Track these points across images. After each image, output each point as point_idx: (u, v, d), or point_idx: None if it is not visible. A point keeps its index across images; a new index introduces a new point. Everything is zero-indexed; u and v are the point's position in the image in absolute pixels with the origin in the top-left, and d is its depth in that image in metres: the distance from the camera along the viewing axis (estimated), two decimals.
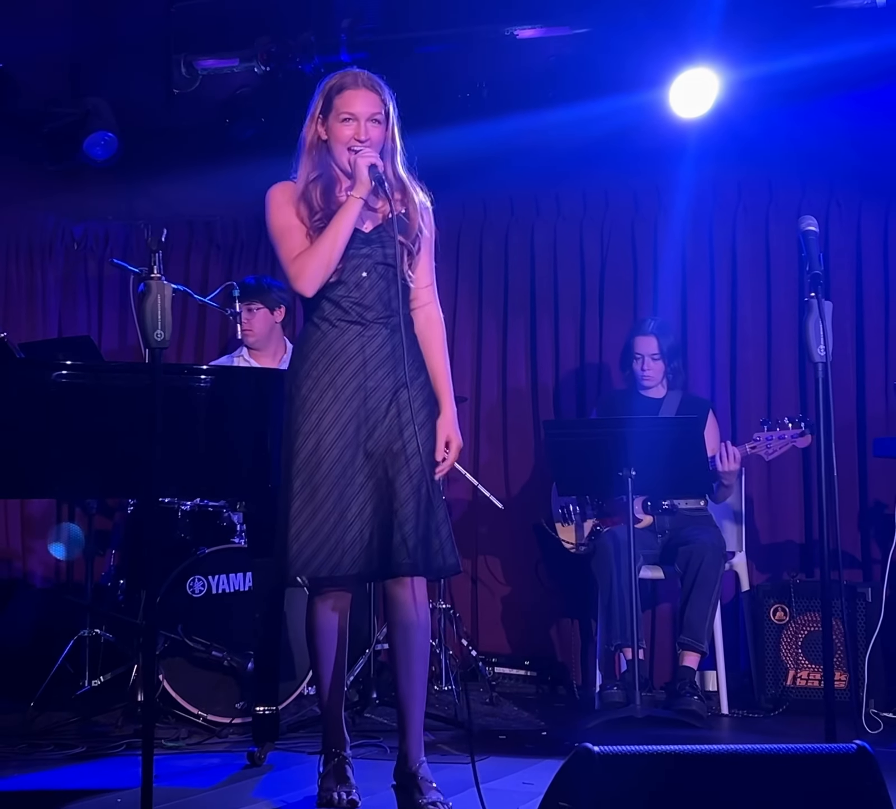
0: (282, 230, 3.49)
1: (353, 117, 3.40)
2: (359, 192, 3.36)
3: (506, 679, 5.70)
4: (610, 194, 5.99)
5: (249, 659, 4.33)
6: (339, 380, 3.34)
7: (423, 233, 3.48)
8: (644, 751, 2.23)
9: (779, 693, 5.02)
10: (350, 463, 3.31)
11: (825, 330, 3.17)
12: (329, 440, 3.30)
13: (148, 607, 3.45)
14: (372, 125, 3.41)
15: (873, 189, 5.60)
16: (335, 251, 3.35)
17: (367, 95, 3.42)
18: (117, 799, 3.41)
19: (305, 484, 3.30)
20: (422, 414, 3.37)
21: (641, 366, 5.31)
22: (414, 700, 3.43)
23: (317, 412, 3.33)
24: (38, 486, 3.76)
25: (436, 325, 3.54)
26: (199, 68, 5.84)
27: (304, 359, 3.41)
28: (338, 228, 3.34)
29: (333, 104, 3.43)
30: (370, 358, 3.36)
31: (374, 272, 3.40)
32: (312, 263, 3.35)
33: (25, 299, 6.36)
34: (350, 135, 3.40)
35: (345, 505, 3.28)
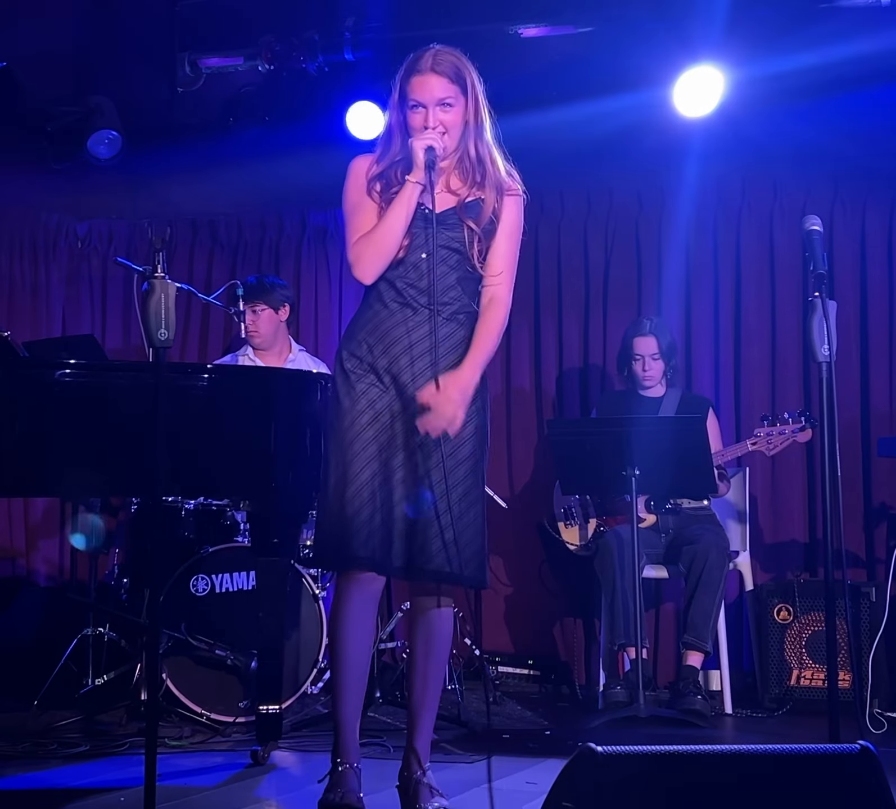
0: (351, 206, 3.33)
1: (421, 104, 3.27)
2: (415, 177, 3.22)
3: (509, 678, 5.70)
4: (614, 193, 5.99)
5: (253, 658, 4.33)
6: (381, 362, 3.22)
7: (501, 219, 3.33)
8: (648, 751, 2.23)
9: (782, 692, 5.02)
10: (387, 446, 3.17)
11: (829, 329, 3.17)
12: (365, 420, 3.17)
13: (151, 606, 3.45)
14: (442, 110, 3.27)
15: (878, 188, 5.60)
16: (392, 239, 3.22)
17: (433, 80, 3.26)
18: (120, 798, 3.41)
19: (341, 464, 3.16)
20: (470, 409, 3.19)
21: (643, 367, 5.30)
22: (428, 707, 3.33)
23: (356, 391, 3.20)
24: (42, 485, 3.77)
25: (498, 305, 3.32)
26: (202, 67, 5.85)
27: (350, 337, 3.28)
28: (395, 215, 3.22)
29: (404, 92, 3.29)
30: (415, 344, 3.22)
31: (436, 254, 3.24)
32: (368, 251, 3.23)
33: (29, 298, 6.36)
34: (421, 124, 3.26)
35: (377, 489, 3.15)
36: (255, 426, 3.79)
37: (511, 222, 3.38)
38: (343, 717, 3.26)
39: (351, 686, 3.26)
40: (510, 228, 3.38)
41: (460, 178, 3.34)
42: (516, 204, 3.39)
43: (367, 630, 3.29)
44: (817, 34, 4.98)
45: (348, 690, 3.26)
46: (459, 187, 3.33)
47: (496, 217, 3.33)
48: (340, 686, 3.27)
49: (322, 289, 6.37)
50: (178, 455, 3.54)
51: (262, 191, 6.21)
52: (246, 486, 3.89)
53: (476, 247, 3.28)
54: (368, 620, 3.29)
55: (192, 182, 6.36)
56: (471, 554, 3.18)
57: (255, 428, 3.79)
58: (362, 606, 3.24)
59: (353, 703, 3.27)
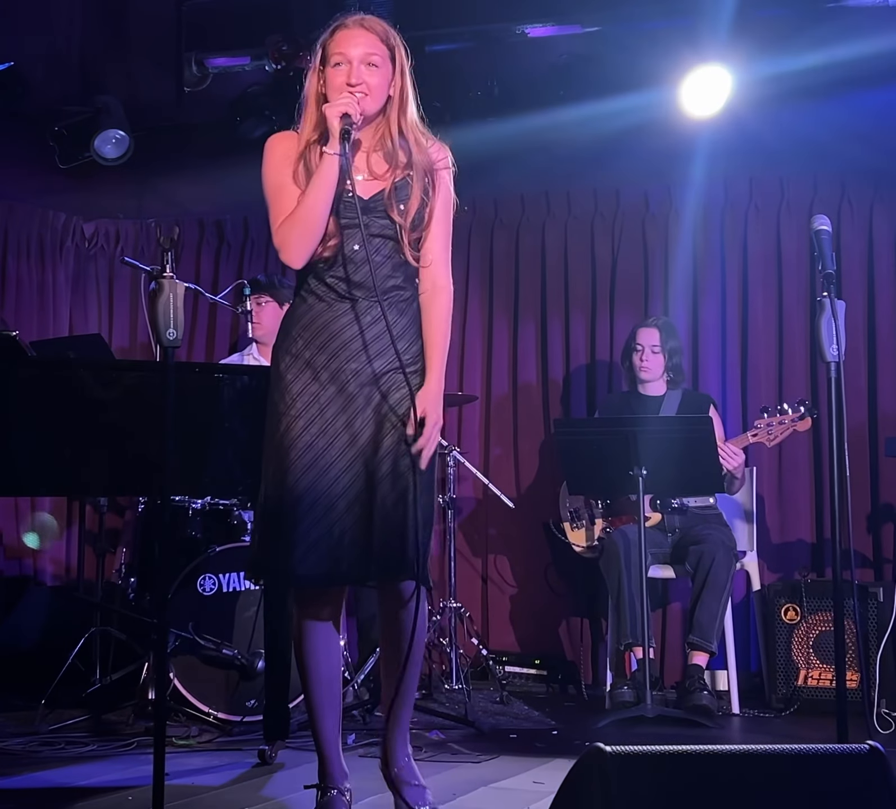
0: (273, 189, 3.09)
1: (345, 59, 2.98)
2: (331, 147, 2.95)
3: (516, 678, 5.70)
4: (621, 193, 5.99)
5: (260, 657, 4.33)
6: (319, 359, 3.01)
7: (432, 198, 3.10)
8: (655, 751, 2.23)
9: (790, 692, 5.01)
10: (323, 452, 2.96)
11: (838, 329, 3.16)
12: (300, 425, 2.98)
13: (159, 605, 3.45)
14: (367, 69, 2.99)
15: (885, 187, 5.59)
16: (317, 217, 2.97)
17: (361, 35, 3.01)
18: (128, 797, 3.41)
19: (280, 470, 2.98)
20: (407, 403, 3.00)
21: (640, 357, 5.30)
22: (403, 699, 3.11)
23: (291, 393, 3.02)
24: (49, 484, 3.76)
25: (441, 294, 3.13)
26: (209, 66, 5.84)
27: (285, 334, 3.08)
28: (315, 191, 2.96)
29: (327, 49, 3.02)
30: (355, 337, 3.01)
31: (368, 245, 3.01)
32: (293, 232, 2.99)
33: (37, 297, 6.37)
34: (342, 81, 2.98)
35: (317, 497, 2.94)
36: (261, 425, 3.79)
37: (443, 202, 3.13)
38: (324, 739, 3.12)
39: (326, 705, 3.11)
40: (442, 209, 3.12)
41: (385, 160, 3.09)
42: (444, 177, 3.13)
43: (335, 645, 3.12)
44: (824, 33, 4.97)
45: (325, 711, 3.11)
46: (385, 171, 3.08)
47: (428, 198, 3.08)
48: (315, 707, 3.11)
49: None
50: (184, 454, 3.54)
51: None
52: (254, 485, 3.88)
53: (406, 236, 3.06)
54: (331, 635, 3.10)
55: (199, 182, 6.37)
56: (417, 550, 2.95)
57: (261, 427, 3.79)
58: (320, 622, 3.08)
59: (333, 723, 3.13)
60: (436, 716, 4.54)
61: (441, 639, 5.21)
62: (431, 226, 3.11)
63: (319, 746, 3.13)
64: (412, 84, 3.10)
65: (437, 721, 4.49)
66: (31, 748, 4.02)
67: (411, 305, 3.11)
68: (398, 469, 2.99)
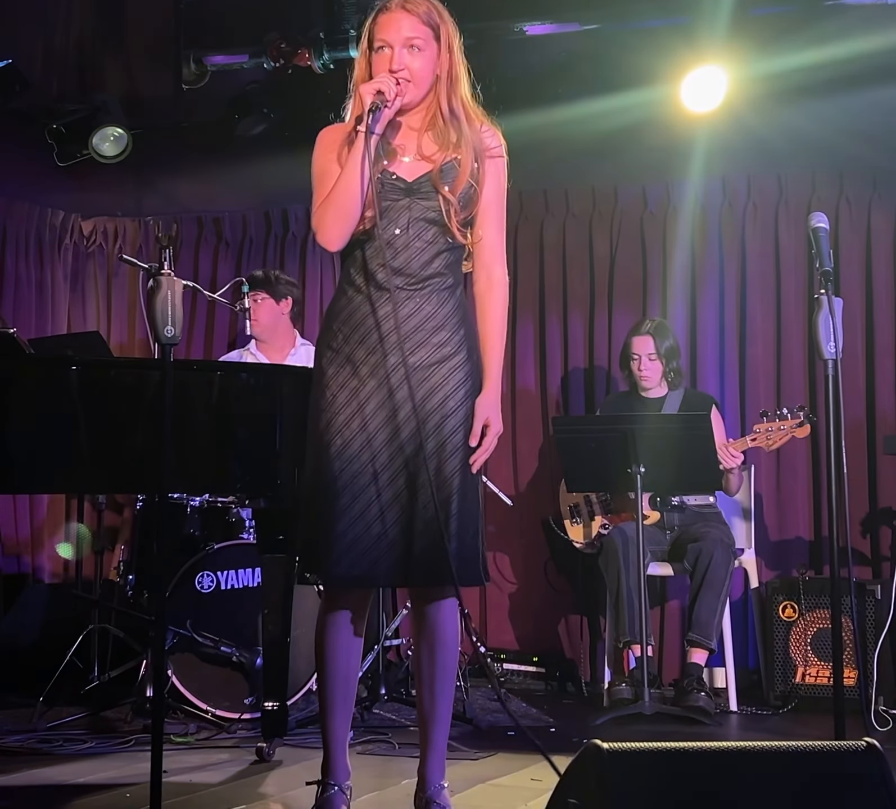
0: (317, 176, 3.03)
1: (387, 44, 2.94)
2: (363, 125, 2.90)
3: (514, 675, 5.70)
4: (619, 190, 5.98)
5: (258, 655, 4.34)
6: (358, 353, 2.96)
7: (485, 184, 3.03)
8: (653, 748, 2.23)
9: (788, 690, 5.01)
10: (362, 450, 2.91)
11: (835, 327, 3.16)
12: (340, 420, 2.93)
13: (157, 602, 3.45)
14: (410, 52, 2.94)
15: (884, 185, 5.59)
16: (350, 197, 2.90)
17: (403, 18, 2.94)
18: (126, 794, 3.41)
19: (319, 469, 2.93)
20: (458, 394, 2.96)
21: (639, 366, 5.31)
22: (437, 720, 3.13)
23: (331, 388, 2.97)
24: (48, 482, 3.76)
25: (497, 289, 3.05)
26: (208, 64, 5.85)
27: (326, 328, 3.04)
28: (347, 170, 2.91)
29: (372, 36, 2.97)
30: (392, 331, 2.93)
31: (411, 229, 2.95)
32: (328, 214, 2.93)
33: (35, 295, 6.36)
34: (384, 67, 2.94)
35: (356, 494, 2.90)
36: (261, 422, 3.79)
37: (495, 189, 3.06)
38: (332, 736, 3.09)
39: (340, 702, 3.09)
40: (494, 195, 3.06)
41: (435, 141, 3.02)
42: (499, 166, 3.08)
43: (356, 646, 3.09)
44: (823, 31, 4.97)
45: (337, 707, 3.08)
46: (434, 152, 3.01)
47: (476, 181, 3.01)
48: (329, 703, 3.08)
49: (327, 285, 6.37)
50: (183, 452, 3.54)
51: (268, 188, 6.22)
52: (252, 483, 3.88)
53: (455, 216, 2.97)
54: (358, 635, 3.08)
55: (198, 179, 6.37)
56: (470, 552, 2.96)
57: (261, 425, 3.79)
58: (353, 622, 3.06)
59: (343, 720, 3.11)
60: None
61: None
62: (481, 210, 3.04)
63: (327, 741, 3.11)
64: (463, 64, 3.04)
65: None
66: (30, 745, 4.02)
67: (454, 293, 3.02)
68: (442, 473, 2.94)
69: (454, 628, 3.08)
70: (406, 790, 3.28)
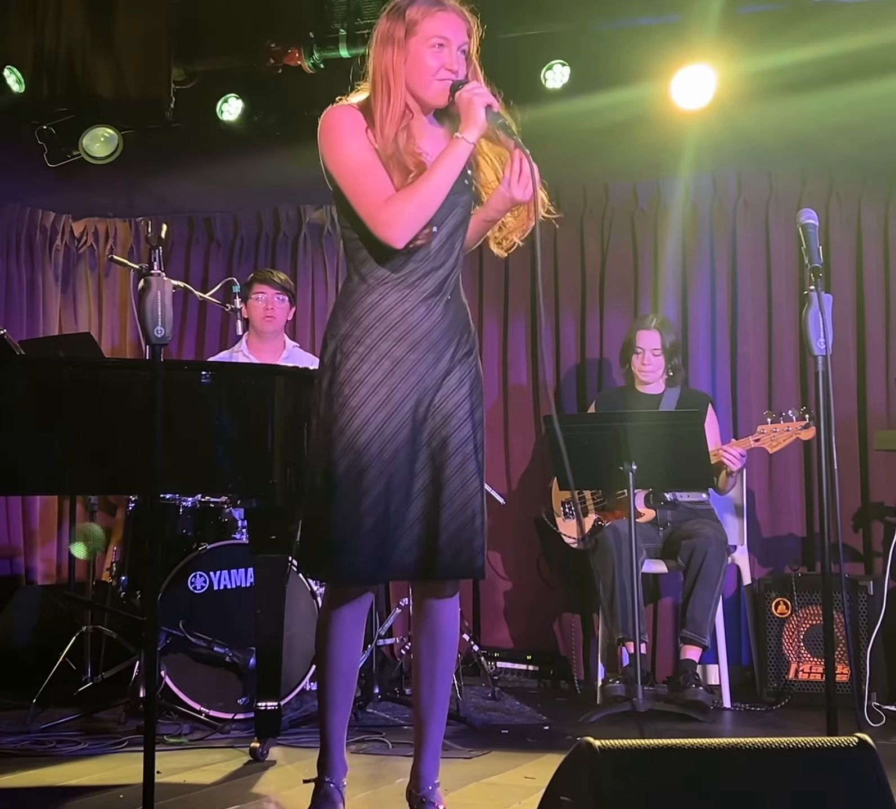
0: (361, 165, 2.89)
1: (447, 42, 2.91)
2: (472, 136, 2.87)
3: (508, 673, 5.70)
4: (610, 188, 5.99)
5: (251, 655, 4.33)
6: (397, 351, 2.92)
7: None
8: (645, 745, 2.23)
9: (781, 686, 5.02)
10: (403, 447, 2.90)
11: (825, 322, 3.16)
12: (381, 417, 2.88)
13: (149, 603, 3.45)
14: (461, 57, 2.94)
15: (873, 181, 5.60)
16: (437, 198, 2.87)
17: (459, 22, 2.94)
18: (119, 796, 3.41)
19: (352, 466, 2.88)
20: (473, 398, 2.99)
21: (642, 361, 5.30)
22: (434, 717, 3.12)
23: (367, 385, 2.90)
24: (39, 483, 3.76)
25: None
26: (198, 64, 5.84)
27: (355, 323, 2.96)
28: (444, 172, 2.86)
29: (419, 26, 2.90)
30: (430, 331, 2.94)
31: (443, 228, 2.95)
32: (409, 208, 2.85)
33: (26, 296, 6.36)
34: (440, 65, 2.90)
35: (393, 493, 2.89)
36: (253, 422, 3.79)
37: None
38: (332, 731, 3.09)
39: (340, 698, 3.08)
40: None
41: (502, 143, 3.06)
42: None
43: (358, 642, 3.08)
44: (813, 28, 4.97)
45: (337, 703, 3.08)
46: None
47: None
48: (329, 699, 3.07)
49: (318, 286, 6.38)
50: (175, 452, 3.54)
51: (259, 188, 6.22)
52: (244, 483, 3.88)
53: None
54: (360, 632, 3.08)
55: (188, 180, 6.36)
56: (479, 546, 2.98)
57: (253, 425, 3.79)
58: (356, 619, 3.05)
59: (342, 717, 3.10)
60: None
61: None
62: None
63: (325, 737, 3.10)
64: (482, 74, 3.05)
65: None
66: (23, 746, 4.01)
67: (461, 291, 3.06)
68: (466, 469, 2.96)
69: (457, 625, 3.11)
70: (400, 789, 3.28)
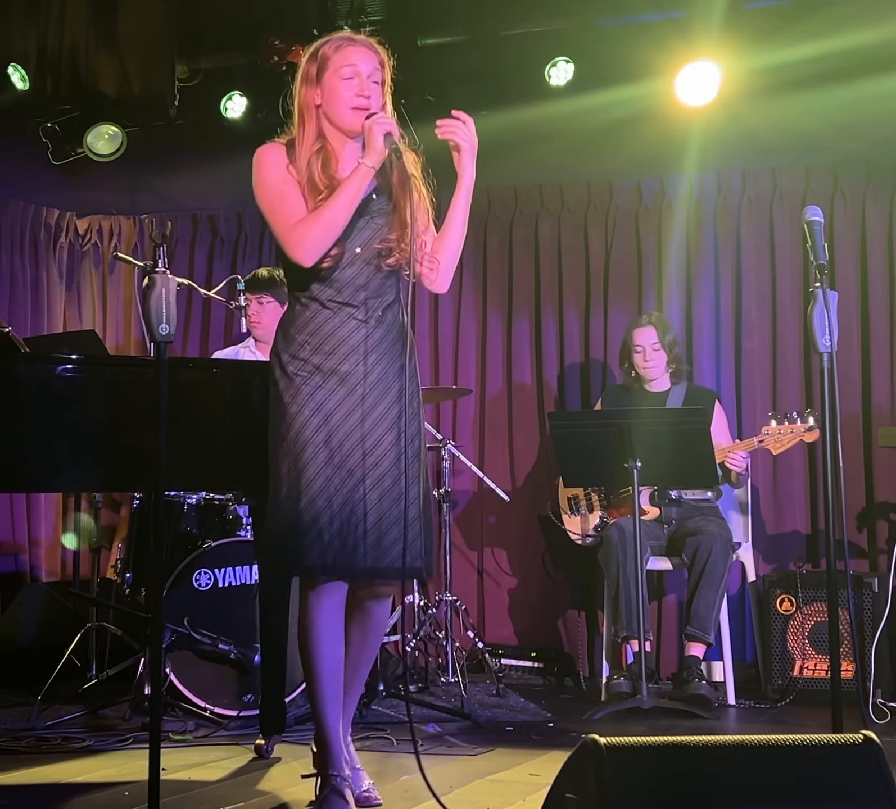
0: (277, 193, 3.16)
1: (356, 73, 3.12)
2: (371, 161, 3.09)
3: (512, 670, 5.69)
4: (615, 185, 5.98)
5: (256, 652, 4.34)
6: (329, 363, 3.14)
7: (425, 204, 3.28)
8: (651, 742, 2.23)
9: (786, 683, 5.02)
10: (336, 449, 3.10)
11: (830, 320, 3.16)
12: (314, 424, 3.11)
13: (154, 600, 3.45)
14: (373, 86, 3.14)
15: (878, 178, 5.59)
16: (341, 220, 3.08)
17: (367, 53, 3.15)
18: (125, 793, 3.41)
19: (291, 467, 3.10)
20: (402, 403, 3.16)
21: (644, 358, 5.29)
22: (351, 693, 3.30)
23: (302, 394, 3.14)
24: (44, 480, 3.76)
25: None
26: (203, 62, 5.85)
27: (290, 340, 3.18)
28: (345, 195, 3.08)
29: (331, 62, 3.13)
30: (358, 345, 3.15)
31: (366, 250, 3.16)
32: (315, 230, 3.08)
33: (31, 293, 6.36)
34: (353, 94, 3.11)
35: (332, 494, 3.07)
36: (256, 419, 3.78)
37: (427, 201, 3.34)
38: (328, 727, 3.15)
39: (330, 693, 3.16)
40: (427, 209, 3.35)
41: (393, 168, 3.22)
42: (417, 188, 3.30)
43: (338, 637, 3.18)
44: (817, 25, 4.97)
45: (328, 698, 3.15)
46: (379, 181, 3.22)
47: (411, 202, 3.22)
48: (320, 696, 3.16)
49: None
50: (179, 449, 3.54)
51: None
52: (250, 480, 3.88)
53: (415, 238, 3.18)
54: (338, 627, 3.18)
55: (193, 177, 6.37)
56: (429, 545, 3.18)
57: (256, 422, 3.78)
58: (331, 614, 3.15)
59: (336, 711, 3.17)
60: (432, 709, 4.54)
61: (437, 632, 5.21)
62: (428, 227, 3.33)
63: (323, 734, 3.16)
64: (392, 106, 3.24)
65: (434, 714, 4.49)
66: (28, 744, 4.01)
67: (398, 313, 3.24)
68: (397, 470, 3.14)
69: (387, 619, 3.42)
70: (405, 785, 3.29)
